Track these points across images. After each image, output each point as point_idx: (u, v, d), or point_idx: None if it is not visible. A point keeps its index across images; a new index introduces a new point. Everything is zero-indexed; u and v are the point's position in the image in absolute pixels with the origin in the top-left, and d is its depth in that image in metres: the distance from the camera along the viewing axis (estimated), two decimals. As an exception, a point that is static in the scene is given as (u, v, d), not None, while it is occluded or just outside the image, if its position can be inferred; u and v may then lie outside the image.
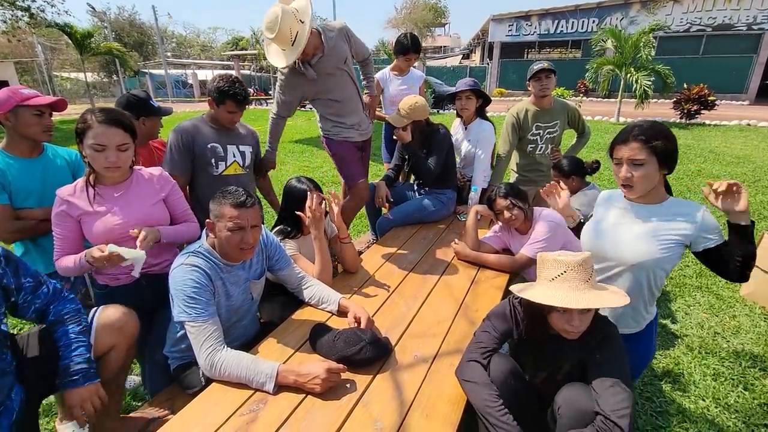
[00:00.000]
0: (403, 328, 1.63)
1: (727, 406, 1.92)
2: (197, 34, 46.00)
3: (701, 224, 1.33)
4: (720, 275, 1.37)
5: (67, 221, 1.50)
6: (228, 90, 1.96)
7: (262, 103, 21.99)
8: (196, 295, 1.34)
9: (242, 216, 1.39)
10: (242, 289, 1.56)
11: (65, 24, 15.21)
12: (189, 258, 1.41)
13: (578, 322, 1.17)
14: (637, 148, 1.31)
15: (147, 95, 2.13)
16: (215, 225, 1.42)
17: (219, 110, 2.04)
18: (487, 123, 2.90)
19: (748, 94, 17.92)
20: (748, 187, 5.27)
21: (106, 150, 1.45)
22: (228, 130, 2.15)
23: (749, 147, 7.91)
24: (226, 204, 1.39)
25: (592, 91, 17.29)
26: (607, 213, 1.54)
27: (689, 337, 2.42)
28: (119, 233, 1.53)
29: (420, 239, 2.53)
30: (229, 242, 1.41)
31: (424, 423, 1.17)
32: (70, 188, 1.52)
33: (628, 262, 1.43)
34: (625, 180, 1.36)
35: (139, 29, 31.78)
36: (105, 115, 1.46)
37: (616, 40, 10.79)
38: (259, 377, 1.25)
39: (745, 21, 17.11)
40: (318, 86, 2.37)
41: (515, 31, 21.55)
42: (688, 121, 10.96)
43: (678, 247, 1.37)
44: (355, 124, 2.53)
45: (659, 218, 1.39)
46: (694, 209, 1.35)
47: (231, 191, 1.43)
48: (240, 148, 2.18)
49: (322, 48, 2.27)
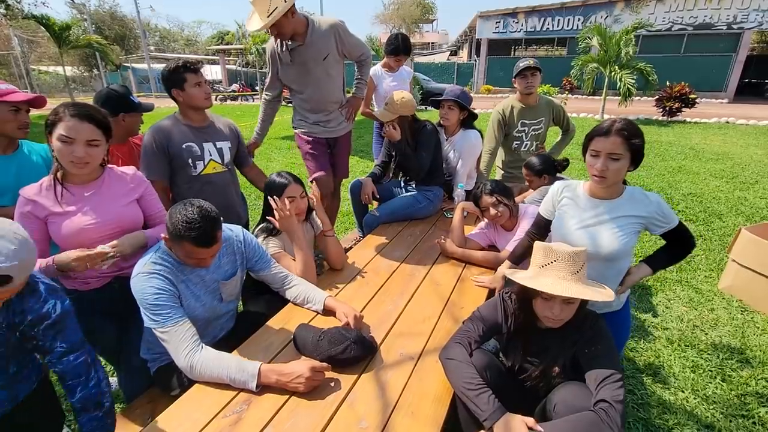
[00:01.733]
0: (389, 326, 1.62)
1: (706, 398, 1.97)
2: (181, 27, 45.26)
3: (655, 211, 1.45)
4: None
5: (32, 223, 1.38)
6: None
7: (248, 98, 21.71)
8: (160, 301, 1.30)
9: (204, 253, 1.35)
10: (210, 289, 1.50)
11: (42, 16, 14.78)
12: (146, 266, 1.35)
13: (559, 310, 1.21)
14: (618, 143, 1.35)
15: (127, 90, 2.07)
16: (169, 242, 1.37)
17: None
18: (473, 131, 2.86)
19: (727, 93, 18.41)
20: (727, 183, 5.42)
21: (73, 143, 1.36)
22: (203, 126, 2.06)
23: (728, 144, 8.12)
24: (186, 241, 1.31)
25: (577, 88, 17.54)
26: (571, 211, 1.57)
27: (669, 330, 2.48)
28: (91, 234, 1.43)
29: (407, 236, 2.53)
30: (188, 262, 1.39)
31: (410, 421, 1.17)
32: (35, 187, 1.41)
33: (600, 255, 1.48)
34: (600, 172, 1.39)
35: (121, 22, 31.05)
36: (77, 109, 1.38)
37: (601, 37, 10.93)
38: (241, 376, 1.23)
39: (726, 20, 17.53)
40: (289, 73, 2.44)
41: (502, 28, 21.68)
42: (669, 119, 11.20)
43: (637, 233, 1.49)
44: (321, 120, 2.57)
45: (621, 212, 1.47)
46: (650, 198, 1.47)
47: (191, 225, 1.29)
48: (217, 144, 2.09)
49: (303, 37, 2.31)
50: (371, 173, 2.86)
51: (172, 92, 1.95)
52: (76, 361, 1.15)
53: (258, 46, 19.15)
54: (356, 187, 2.83)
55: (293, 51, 2.35)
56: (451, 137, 2.88)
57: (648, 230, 1.50)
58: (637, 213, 1.45)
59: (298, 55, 2.36)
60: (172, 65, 1.93)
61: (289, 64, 2.39)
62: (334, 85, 2.57)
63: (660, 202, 1.46)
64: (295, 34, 2.29)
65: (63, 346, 1.13)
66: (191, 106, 1.99)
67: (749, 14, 17.02)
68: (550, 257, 1.24)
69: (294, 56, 2.36)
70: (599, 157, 1.38)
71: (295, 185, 1.89)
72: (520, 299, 1.33)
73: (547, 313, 1.24)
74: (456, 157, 2.87)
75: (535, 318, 1.31)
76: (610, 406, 1.08)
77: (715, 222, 4.12)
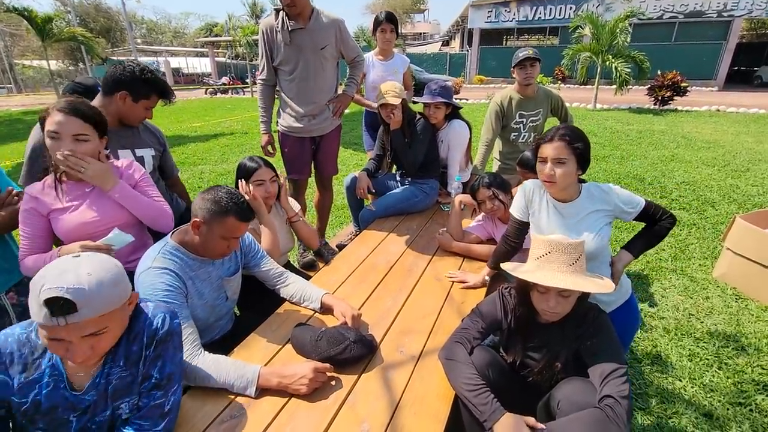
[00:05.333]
0: (389, 323, 1.60)
1: (703, 386, 1.99)
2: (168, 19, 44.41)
3: (616, 201, 1.51)
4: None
5: (36, 219, 1.42)
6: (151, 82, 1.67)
7: (239, 91, 21.40)
8: (169, 298, 1.27)
9: (243, 228, 1.38)
10: (215, 286, 1.49)
11: (24, 8, 14.38)
12: (156, 260, 1.32)
13: (554, 303, 1.20)
14: (561, 147, 1.43)
15: (94, 81, 1.94)
16: (203, 226, 1.34)
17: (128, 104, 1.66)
18: (456, 121, 2.81)
19: (717, 81, 18.51)
20: (719, 171, 5.46)
21: (60, 139, 1.36)
22: (118, 129, 1.74)
23: (719, 132, 8.18)
24: (232, 215, 1.33)
25: (569, 78, 17.52)
26: (543, 215, 1.61)
27: (666, 320, 2.49)
28: (93, 228, 1.46)
29: (404, 230, 2.50)
30: (216, 248, 1.38)
31: (412, 422, 1.15)
32: (38, 185, 1.44)
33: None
34: (548, 177, 1.46)
35: (106, 14, 30.36)
36: (65, 104, 1.37)
37: (593, 26, 10.89)
38: (240, 382, 1.20)
39: (716, 8, 17.57)
40: (283, 53, 2.42)
41: (494, 17, 21.53)
42: (661, 107, 11.24)
43: (608, 225, 1.54)
44: (307, 114, 2.55)
45: (585, 210, 1.52)
46: (604, 189, 1.53)
47: (235, 199, 1.35)
48: (137, 152, 1.81)
49: (306, 21, 2.34)
50: (366, 167, 2.82)
51: (117, 95, 1.65)
52: (154, 401, 1.00)
53: (248, 38, 18.80)
54: (351, 182, 2.80)
55: (293, 32, 2.35)
56: (440, 132, 2.85)
57: (620, 219, 1.56)
58: (600, 207, 1.51)
59: (298, 37, 2.36)
60: (147, 75, 1.69)
61: (287, 44, 2.37)
62: (326, 79, 2.54)
63: (617, 191, 1.53)
64: (301, 14, 2.31)
65: (156, 377, 1.01)
66: (122, 118, 1.73)
67: (739, 2, 17.07)
68: (545, 249, 1.23)
69: (293, 37, 2.36)
70: (546, 162, 1.45)
71: (266, 169, 1.91)
72: (519, 293, 1.32)
73: (543, 306, 1.23)
74: (446, 149, 2.85)
75: (535, 313, 1.30)
76: (616, 402, 1.07)
77: (709, 210, 4.15)
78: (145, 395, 1.01)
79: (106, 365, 0.98)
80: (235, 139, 8.25)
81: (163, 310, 1.06)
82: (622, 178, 5.21)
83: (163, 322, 1.03)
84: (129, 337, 1.00)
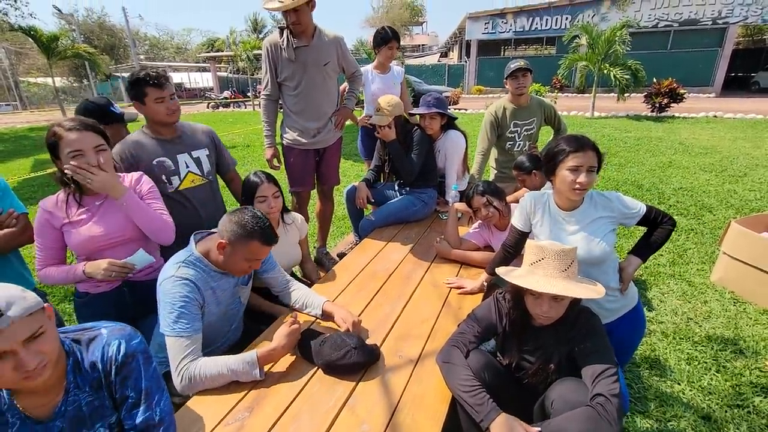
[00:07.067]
0: (388, 329, 1.64)
1: (701, 389, 2.00)
2: (171, 36, 45.18)
3: (619, 207, 1.55)
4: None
5: (50, 232, 1.50)
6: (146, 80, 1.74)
7: (241, 105, 21.66)
8: (184, 309, 1.32)
9: (266, 252, 1.44)
10: (231, 293, 1.55)
11: (30, 27, 14.69)
12: (180, 269, 1.37)
13: (547, 307, 1.24)
14: (593, 156, 1.48)
15: (107, 101, 2.00)
16: (228, 247, 1.39)
17: (147, 105, 1.77)
18: (452, 131, 2.87)
19: (714, 87, 18.64)
20: (716, 176, 5.50)
21: (84, 155, 1.43)
22: (174, 137, 1.90)
23: (716, 138, 8.23)
24: (256, 240, 1.38)
25: (566, 87, 17.69)
26: (547, 225, 1.63)
27: (664, 324, 2.51)
28: (100, 242, 1.53)
29: (403, 239, 2.55)
30: (238, 268, 1.44)
31: (411, 423, 1.19)
32: (52, 199, 1.52)
33: (587, 261, 1.54)
34: (587, 184, 1.46)
35: (110, 32, 30.91)
36: (73, 123, 1.44)
37: (589, 36, 11.05)
38: (243, 366, 1.28)
39: (710, 15, 17.78)
40: (288, 70, 2.49)
41: (491, 28, 21.82)
42: (658, 114, 11.33)
43: (612, 231, 1.57)
44: (311, 129, 2.61)
45: (590, 217, 1.56)
46: (608, 196, 1.57)
47: (260, 223, 1.40)
48: (193, 154, 1.95)
49: (309, 39, 2.43)
50: (365, 178, 2.88)
51: (134, 105, 1.82)
52: (139, 417, 1.00)
53: (249, 53, 19.11)
54: (351, 192, 2.88)
55: (297, 49, 2.43)
56: (437, 142, 2.91)
57: (623, 225, 1.60)
58: (604, 214, 1.55)
59: (302, 54, 2.44)
60: (133, 76, 1.77)
61: (291, 61, 2.45)
62: (329, 93, 2.63)
63: (619, 197, 1.57)
64: (305, 32, 2.40)
65: (132, 396, 1.01)
66: (154, 121, 1.86)
67: (734, 8, 17.29)
68: (538, 255, 1.27)
69: (298, 54, 2.44)
70: (580, 171, 1.46)
71: (268, 185, 1.92)
72: (514, 298, 1.36)
73: (536, 311, 1.27)
74: (443, 159, 2.91)
75: (529, 316, 1.34)
76: (607, 400, 1.10)
77: (706, 215, 4.18)
78: (128, 416, 1.01)
79: (70, 393, 0.97)
80: (238, 153, 8.33)
81: (118, 335, 1.01)
82: (621, 184, 5.26)
83: (118, 349, 0.99)
84: (86, 363, 0.99)
